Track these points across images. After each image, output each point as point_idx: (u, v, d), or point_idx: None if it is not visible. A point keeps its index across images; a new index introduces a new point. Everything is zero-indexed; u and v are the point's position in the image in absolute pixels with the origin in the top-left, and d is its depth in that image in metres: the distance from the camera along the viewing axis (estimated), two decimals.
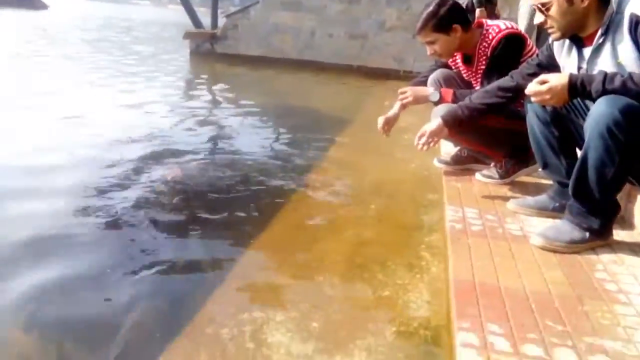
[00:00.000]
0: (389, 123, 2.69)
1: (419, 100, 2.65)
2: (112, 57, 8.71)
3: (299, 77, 8.04)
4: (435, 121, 2.24)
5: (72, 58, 8.09)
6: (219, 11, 10.64)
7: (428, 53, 2.54)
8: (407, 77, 8.19)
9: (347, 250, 2.07)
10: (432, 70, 2.80)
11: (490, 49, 2.43)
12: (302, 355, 1.40)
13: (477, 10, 4.67)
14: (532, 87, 1.80)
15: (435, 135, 2.21)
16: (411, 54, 8.55)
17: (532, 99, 1.84)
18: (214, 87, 6.81)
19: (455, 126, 2.23)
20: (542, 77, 1.80)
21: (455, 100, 2.46)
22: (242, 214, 2.40)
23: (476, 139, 2.57)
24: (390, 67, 8.71)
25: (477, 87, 2.55)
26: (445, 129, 2.22)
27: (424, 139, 2.20)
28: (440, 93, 2.55)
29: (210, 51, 9.43)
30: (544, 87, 1.76)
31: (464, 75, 2.72)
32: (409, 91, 2.67)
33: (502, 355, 1.25)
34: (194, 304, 1.63)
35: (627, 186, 2.04)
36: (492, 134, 2.49)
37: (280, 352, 1.41)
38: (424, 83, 2.77)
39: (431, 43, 2.47)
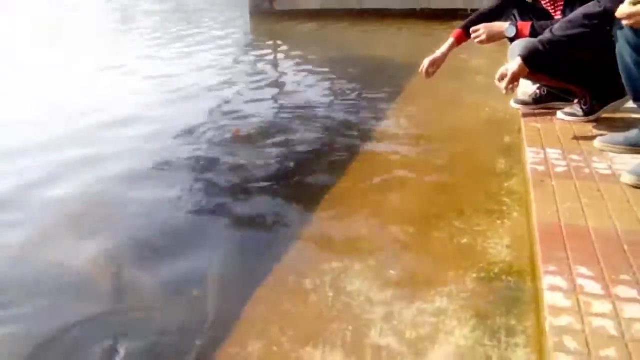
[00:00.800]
0: (435, 64, 2.56)
1: (494, 37, 2.47)
2: (178, 26, 8.89)
3: (361, 27, 7.80)
4: (515, 61, 2.09)
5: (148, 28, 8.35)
6: None
7: None
8: None
9: (421, 199, 2.05)
10: (501, 2, 2.59)
11: None
12: (381, 302, 1.42)
13: None
14: (624, 9, 1.63)
15: (517, 75, 2.07)
16: None
17: (624, 22, 1.67)
18: (276, 45, 6.78)
19: (537, 64, 2.07)
20: None
21: (533, 34, 2.28)
22: (314, 168, 2.42)
23: (558, 74, 2.38)
24: (456, 7, 8.22)
25: (559, 17, 2.35)
26: (526, 68, 2.07)
27: (505, 81, 2.07)
28: (516, 27, 2.36)
29: (270, 9, 9.35)
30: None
31: (543, 3, 2.51)
32: (482, 29, 2.49)
33: (592, 298, 1.20)
34: (274, 257, 1.68)
35: None
36: (575, 68, 2.30)
37: (360, 299, 1.44)
38: (489, 17, 2.58)
39: None
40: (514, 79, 2.07)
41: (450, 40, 2.63)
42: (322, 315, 1.39)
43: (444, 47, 2.62)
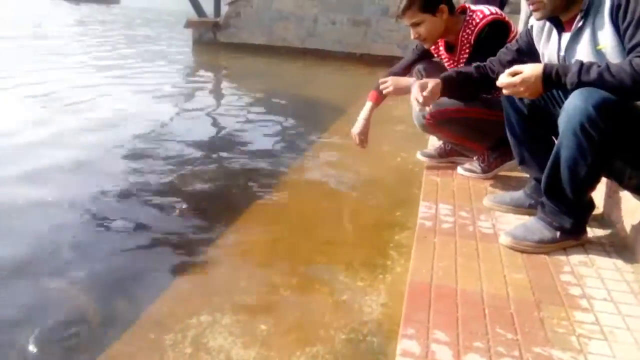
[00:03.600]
0: (363, 133, 2.59)
1: (400, 90, 2.52)
2: (115, 49, 8.69)
3: (301, 65, 7.94)
4: (433, 80, 2.06)
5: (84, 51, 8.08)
6: None
7: (412, 37, 2.44)
8: None
9: (313, 249, 2.02)
10: (411, 60, 2.69)
11: (474, 35, 2.32)
12: None
13: None
14: (503, 79, 1.70)
15: (434, 93, 2.02)
16: (415, 41, 8.38)
17: (504, 91, 1.74)
18: (216, 76, 6.77)
19: (449, 87, 2.07)
20: (515, 68, 1.69)
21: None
22: (212, 210, 2.36)
23: (458, 130, 2.46)
24: (394, 55, 8.55)
25: None
26: (439, 90, 2.05)
27: (427, 97, 2.00)
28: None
29: (213, 40, 9.36)
30: (517, 79, 1.66)
31: (446, 64, 2.62)
32: (390, 81, 2.56)
33: None
34: (142, 307, 1.59)
35: (607, 180, 1.94)
36: (474, 125, 2.39)
37: (219, 358, 1.37)
38: (403, 72, 2.67)
39: (416, 25, 2.35)
40: (431, 94, 2.01)
41: (369, 104, 2.66)
42: None
43: (364, 113, 2.62)
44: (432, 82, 2.04)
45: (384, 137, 3.73)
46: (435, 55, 2.66)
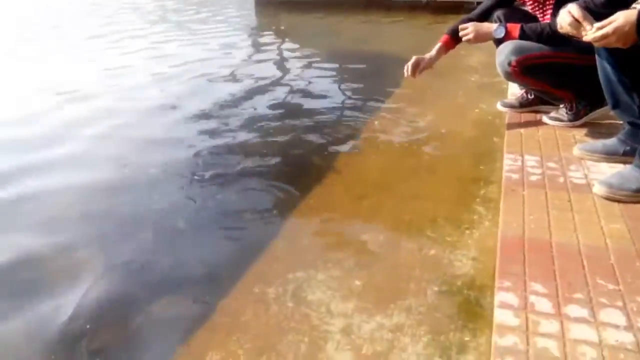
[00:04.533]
0: (419, 66, 2.54)
1: (482, 37, 2.43)
2: (180, 14, 8.89)
3: (366, 18, 7.74)
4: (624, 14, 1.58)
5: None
6: None
7: None
8: None
9: (396, 205, 2.05)
10: (490, 5, 2.56)
11: None
12: (341, 314, 1.44)
13: None
14: (593, 34, 1.60)
15: (620, 29, 1.57)
16: None
17: (595, 44, 1.64)
18: (282, 35, 6.76)
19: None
20: (603, 21, 1.59)
21: (523, 36, 2.26)
22: (292, 170, 2.44)
23: (545, 77, 2.35)
24: (463, 0, 8.13)
25: (547, 21, 2.32)
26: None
27: (605, 29, 1.59)
28: (505, 28, 2.33)
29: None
30: (610, 29, 1.55)
31: (529, 8, 2.49)
32: (471, 27, 2.46)
33: (542, 317, 1.20)
34: (242, 263, 1.71)
35: None
36: (561, 70, 2.27)
37: (320, 311, 1.46)
38: (480, 19, 2.55)
39: None
40: (616, 31, 1.56)
41: (438, 45, 2.61)
42: (281, 327, 1.41)
43: (432, 52, 2.59)
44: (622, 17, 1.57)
45: (459, 88, 3.63)
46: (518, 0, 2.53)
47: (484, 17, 2.55)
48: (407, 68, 2.55)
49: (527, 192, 1.81)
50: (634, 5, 1.81)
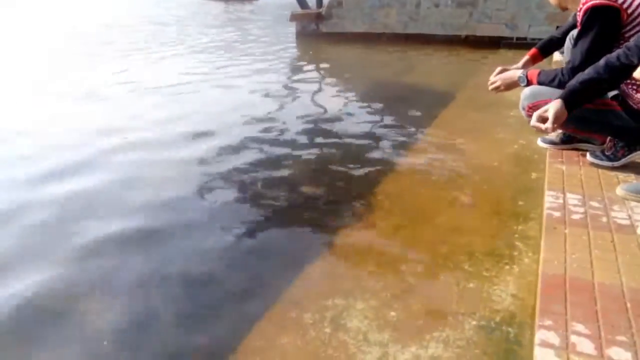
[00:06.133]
0: (502, 72, 2.55)
1: (511, 86, 2.54)
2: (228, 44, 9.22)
3: (404, 51, 7.85)
4: (555, 102, 2.02)
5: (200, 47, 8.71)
6: None
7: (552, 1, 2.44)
8: (521, 44, 7.61)
9: (434, 236, 2.05)
10: (570, 25, 2.64)
11: (581, 13, 2.21)
12: (377, 343, 1.45)
13: None
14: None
15: (559, 116, 1.99)
16: (526, 19, 7.91)
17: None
18: (321, 67, 6.92)
19: (575, 103, 2.04)
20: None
21: (540, 81, 2.32)
22: (332, 198, 2.48)
23: (580, 123, 2.36)
24: (502, 35, 8.15)
25: None
26: (565, 110, 2.00)
27: (549, 123, 1.98)
28: (526, 77, 2.41)
29: (316, 31, 9.56)
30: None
31: None
32: (499, 80, 2.55)
33: (584, 358, 1.19)
34: (280, 288, 1.74)
35: None
36: (579, 115, 2.27)
37: (358, 339, 1.47)
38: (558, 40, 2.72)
39: None
40: (556, 120, 1.98)
41: (526, 57, 2.74)
42: (318, 353, 1.43)
43: (519, 64, 2.71)
44: (552, 108, 1.98)
45: (499, 123, 3.63)
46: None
47: (566, 34, 2.66)
48: (493, 76, 2.59)
49: (569, 231, 1.79)
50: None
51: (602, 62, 1.99)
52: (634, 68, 1.80)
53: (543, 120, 2.02)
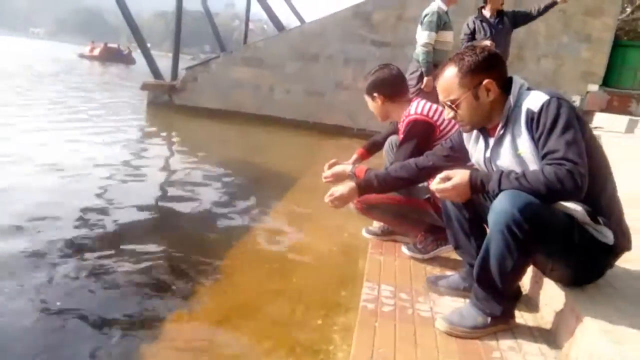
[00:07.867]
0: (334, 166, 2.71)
1: (341, 179, 2.74)
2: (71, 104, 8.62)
3: (255, 131, 8.12)
4: (348, 184, 2.26)
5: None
6: (188, 57, 10.74)
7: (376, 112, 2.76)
8: (360, 134, 8.38)
9: (256, 331, 2.04)
10: (392, 130, 2.94)
11: (404, 124, 2.57)
12: None
13: (425, 79, 4.87)
14: (436, 186, 1.87)
15: (345, 197, 2.23)
16: (365, 113, 8.75)
17: (438, 194, 1.91)
18: (169, 139, 6.80)
19: (367, 191, 2.27)
20: (446, 173, 1.87)
21: (367, 177, 2.57)
22: (157, 286, 2.35)
23: (385, 215, 2.64)
24: (344, 125, 8.92)
25: None
26: (355, 194, 2.24)
27: (331, 199, 2.23)
28: (354, 173, 2.64)
29: (169, 102, 9.47)
30: (449, 185, 1.83)
31: None
32: (330, 174, 2.75)
33: None
34: None
35: (533, 268, 2.10)
36: (397, 211, 2.58)
37: None
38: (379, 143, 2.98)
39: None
40: (340, 199, 2.22)
41: (354, 156, 2.95)
42: None
43: (350, 160, 2.88)
44: (344, 190, 2.23)
45: (333, 211, 3.84)
46: None
47: (386, 139, 2.96)
48: (326, 167, 2.72)
49: (379, 323, 1.91)
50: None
51: (411, 162, 2.27)
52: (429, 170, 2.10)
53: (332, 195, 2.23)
